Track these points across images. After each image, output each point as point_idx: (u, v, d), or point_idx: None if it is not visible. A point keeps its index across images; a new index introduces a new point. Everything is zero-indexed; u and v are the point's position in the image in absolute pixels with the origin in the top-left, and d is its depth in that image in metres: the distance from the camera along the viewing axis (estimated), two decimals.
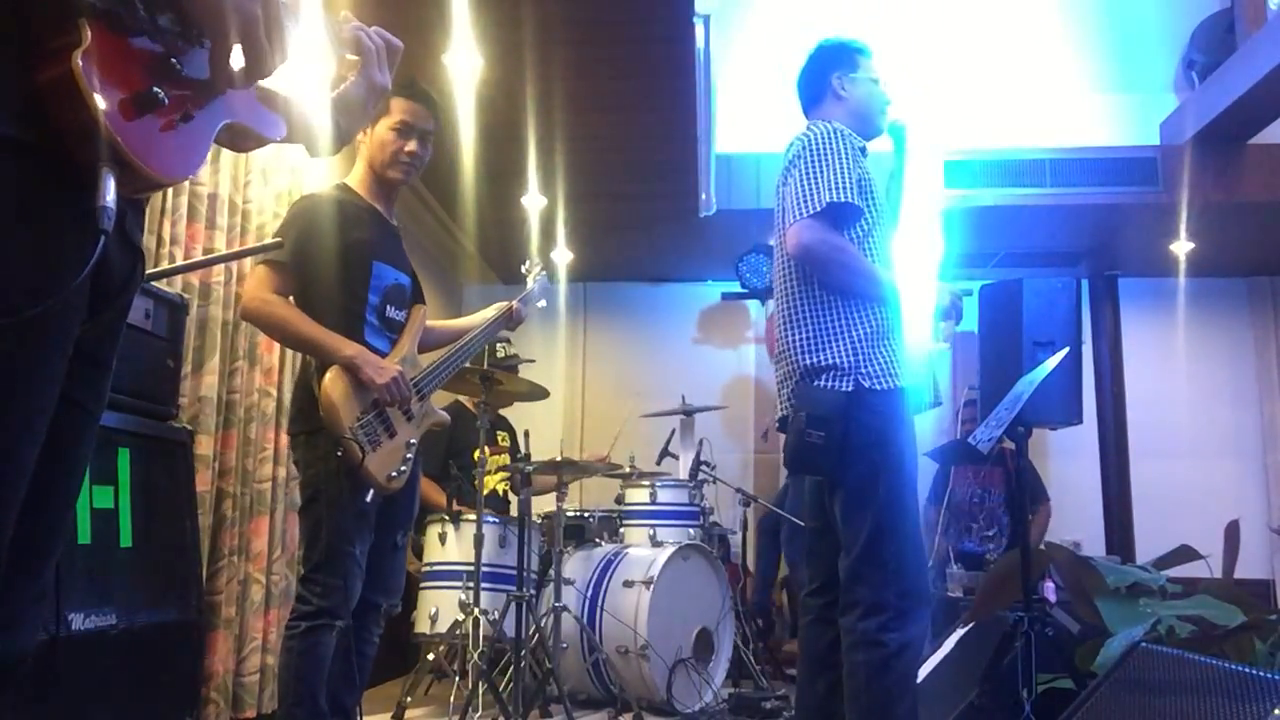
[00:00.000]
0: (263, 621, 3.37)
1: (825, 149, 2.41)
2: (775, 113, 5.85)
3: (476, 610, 3.62)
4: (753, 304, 6.74)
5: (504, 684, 3.67)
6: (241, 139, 1.21)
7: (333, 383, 2.34)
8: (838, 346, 2.38)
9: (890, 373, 2.37)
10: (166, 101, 0.98)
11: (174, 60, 1.02)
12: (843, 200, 2.36)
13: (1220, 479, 6.34)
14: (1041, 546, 3.62)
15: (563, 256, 6.34)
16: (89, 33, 0.92)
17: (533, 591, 3.86)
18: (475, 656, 3.58)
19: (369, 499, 2.37)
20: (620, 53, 4.03)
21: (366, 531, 2.44)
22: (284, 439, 3.38)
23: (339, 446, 2.32)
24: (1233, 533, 3.20)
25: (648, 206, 5.61)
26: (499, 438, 4.78)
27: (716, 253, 6.26)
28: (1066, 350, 3.04)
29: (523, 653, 3.49)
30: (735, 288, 6.36)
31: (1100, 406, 6.19)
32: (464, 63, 3.85)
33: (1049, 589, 3.48)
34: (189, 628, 2.66)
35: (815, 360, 2.39)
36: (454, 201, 5.45)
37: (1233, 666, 1.83)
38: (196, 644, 2.77)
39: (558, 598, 3.82)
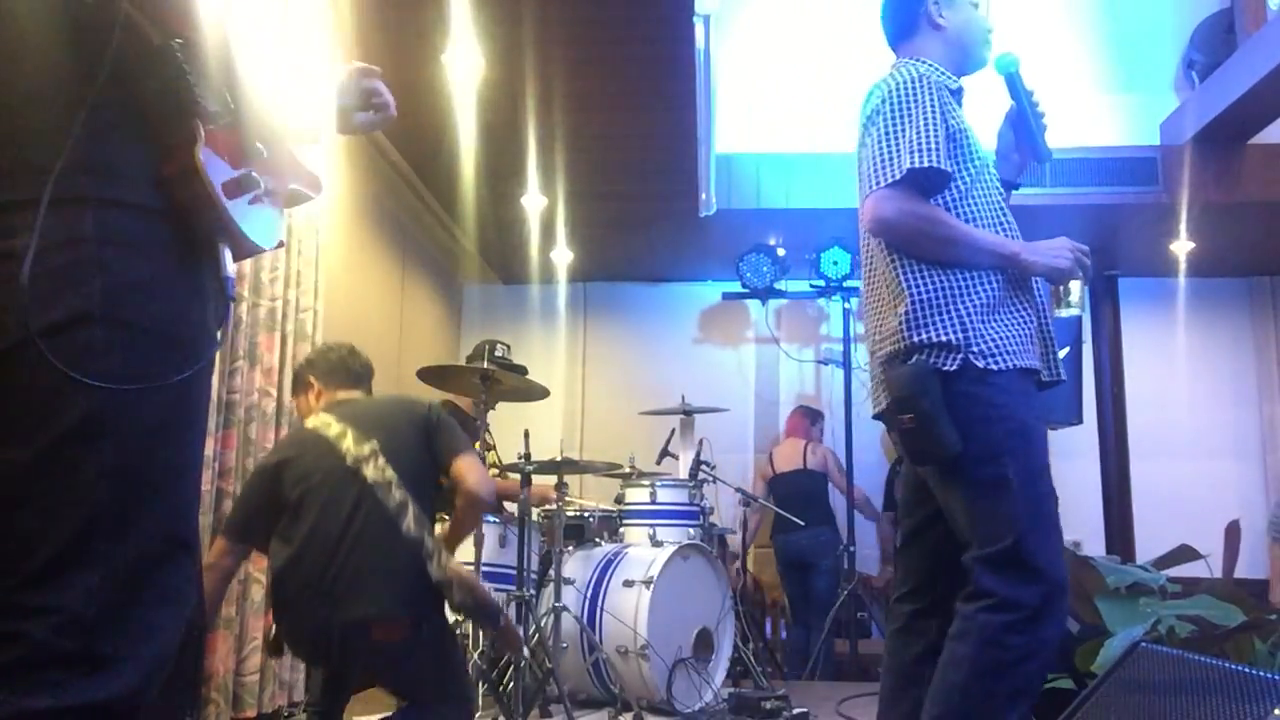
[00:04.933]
0: (263, 621, 3.36)
1: (907, 102, 2.04)
2: (775, 113, 5.89)
3: None
4: (753, 304, 6.74)
5: (504, 684, 3.67)
6: (294, 199, 1.34)
7: None
8: (944, 321, 2.00)
9: (1005, 350, 1.99)
10: (262, 185, 1.09)
11: (258, 144, 1.13)
12: (925, 165, 1.99)
13: (1220, 479, 6.34)
14: None
15: (563, 256, 6.34)
16: (201, 130, 1.02)
17: (533, 591, 3.86)
18: (475, 656, 3.58)
19: None
20: (621, 53, 4.03)
21: None
22: (284, 439, 3.37)
23: None
24: (1233, 533, 3.21)
25: (648, 206, 5.61)
26: (487, 437, 4.78)
27: (716, 253, 6.26)
28: (1067, 350, 3.04)
29: (522, 652, 3.49)
30: (735, 288, 6.37)
31: (1100, 406, 6.19)
32: (464, 62, 3.85)
33: None
34: (189, 627, 2.66)
35: (918, 338, 2.01)
36: (454, 201, 5.44)
37: (1233, 666, 1.83)
38: (197, 644, 2.76)
39: (558, 598, 3.82)
